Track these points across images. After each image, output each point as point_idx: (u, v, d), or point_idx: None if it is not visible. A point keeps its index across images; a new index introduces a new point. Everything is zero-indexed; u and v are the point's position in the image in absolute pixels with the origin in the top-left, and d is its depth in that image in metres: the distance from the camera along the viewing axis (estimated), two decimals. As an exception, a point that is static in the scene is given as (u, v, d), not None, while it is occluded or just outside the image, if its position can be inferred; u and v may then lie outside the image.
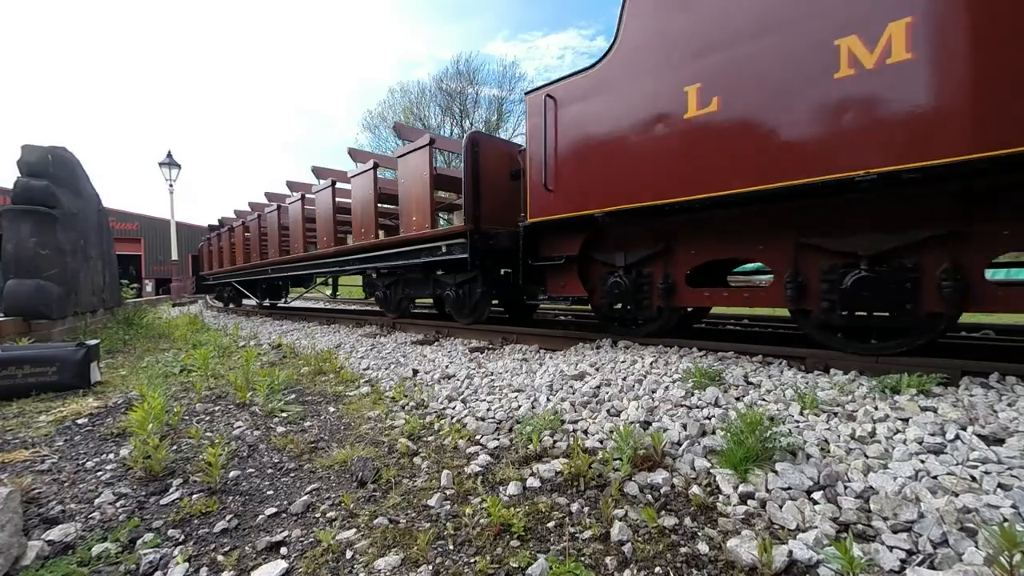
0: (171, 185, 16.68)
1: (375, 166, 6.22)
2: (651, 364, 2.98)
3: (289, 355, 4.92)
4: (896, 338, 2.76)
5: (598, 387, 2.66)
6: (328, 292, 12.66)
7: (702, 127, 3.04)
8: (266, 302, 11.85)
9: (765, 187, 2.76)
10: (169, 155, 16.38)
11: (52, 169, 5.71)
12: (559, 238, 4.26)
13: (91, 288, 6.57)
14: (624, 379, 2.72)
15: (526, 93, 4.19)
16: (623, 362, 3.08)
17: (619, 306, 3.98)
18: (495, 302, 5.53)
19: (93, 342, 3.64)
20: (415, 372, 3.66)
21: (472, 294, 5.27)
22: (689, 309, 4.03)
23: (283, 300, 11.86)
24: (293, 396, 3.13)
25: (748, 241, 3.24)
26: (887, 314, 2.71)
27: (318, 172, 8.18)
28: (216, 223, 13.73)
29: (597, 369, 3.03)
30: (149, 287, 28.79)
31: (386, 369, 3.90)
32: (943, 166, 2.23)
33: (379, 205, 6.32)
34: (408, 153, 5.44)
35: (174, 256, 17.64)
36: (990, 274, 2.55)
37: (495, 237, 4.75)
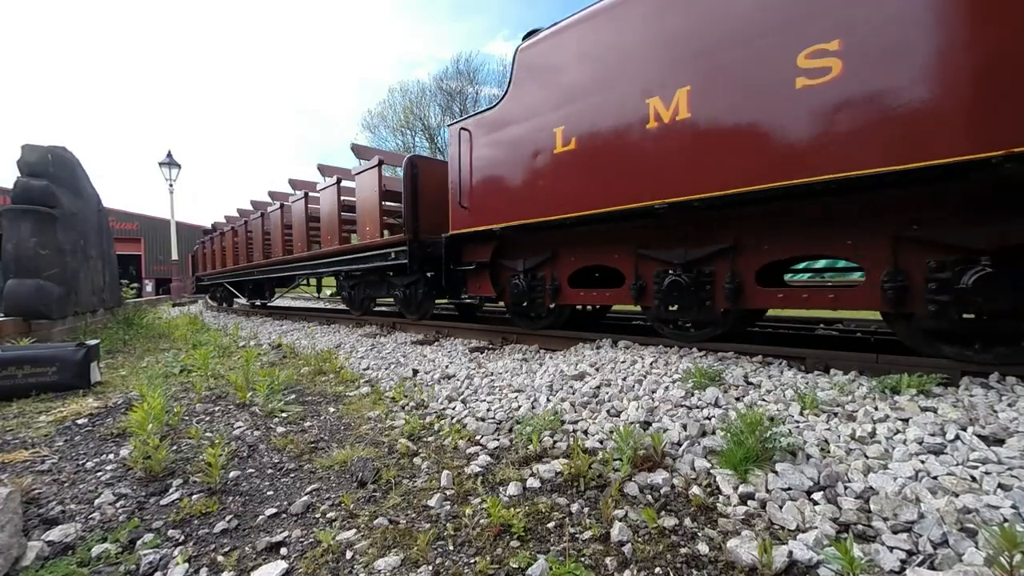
0: (171, 185, 16.68)
1: (338, 181, 6.97)
2: (651, 364, 2.98)
3: (289, 355, 4.92)
4: (705, 328, 3.52)
5: (598, 387, 2.66)
6: (313, 292, 13.22)
7: (567, 161, 3.80)
8: (256, 301, 12.53)
9: (605, 210, 3.51)
10: (169, 155, 16.38)
11: (52, 169, 5.71)
12: (475, 247, 5.02)
13: (91, 288, 6.57)
14: (624, 379, 2.72)
15: (448, 125, 5.00)
16: (623, 362, 3.08)
17: (523, 304, 4.61)
18: (446, 301, 6.21)
19: (93, 342, 3.64)
20: (415, 372, 3.66)
21: (416, 294, 6.04)
22: (578, 307, 4.87)
23: (268, 299, 12.58)
24: (293, 396, 3.13)
25: (605, 251, 3.97)
26: (694, 307, 3.42)
27: (293, 184, 9.39)
28: (210, 227, 14.66)
29: (597, 369, 3.03)
30: (149, 287, 28.79)
31: (386, 369, 3.90)
32: (702, 199, 3.01)
33: (342, 214, 6.98)
34: (363, 171, 6.25)
35: (174, 256, 17.64)
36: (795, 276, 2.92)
37: (432, 245, 5.40)
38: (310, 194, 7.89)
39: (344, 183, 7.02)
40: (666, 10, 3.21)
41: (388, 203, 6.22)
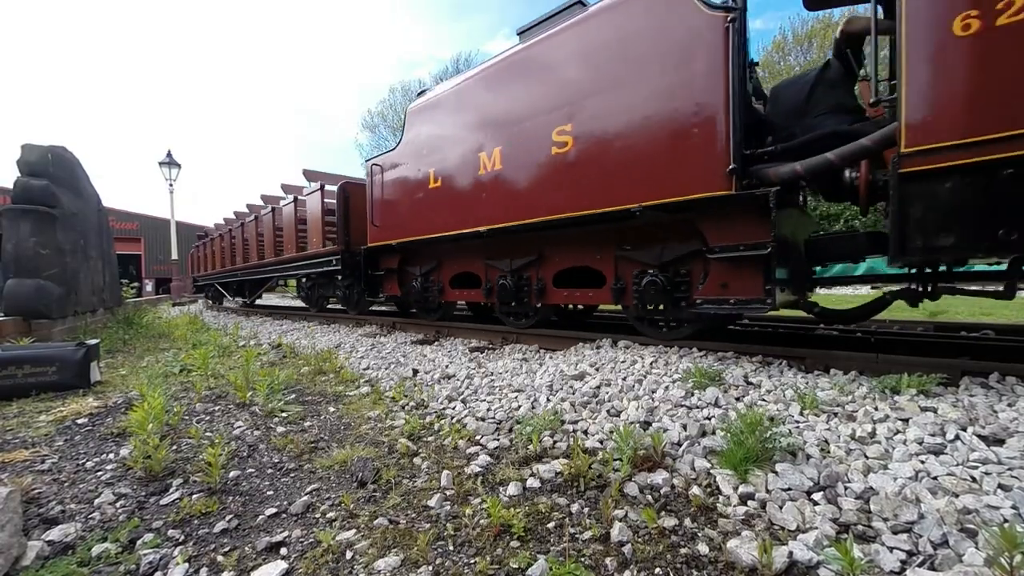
0: (171, 185, 16.68)
1: (295, 199, 8.44)
2: (651, 364, 2.98)
3: (289, 355, 4.92)
4: (523, 318, 4.85)
5: (598, 387, 2.66)
6: (293, 291, 14.75)
7: (437, 194, 5.23)
8: (238, 300, 13.69)
9: (460, 231, 4.88)
10: (169, 155, 16.37)
11: (52, 169, 5.71)
12: (386, 257, 6.42)
13: (91, 288, 6.57)
14: (624, 379, 2.72)
15: (366, 160, 6.71)
16: (623, 362, 3.08)
17: (420, 300, 6.01)
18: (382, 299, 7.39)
19: (93, 342, 3.64)
20: (415, 372, 3.66)
21: (354, 294, 7.52)
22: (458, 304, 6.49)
23: (248, 299, 13.33)
24: (293, 396, 3.13)
25: (469, 261, 5.36)
26: (514, 303, 4.78)
27: (264, 199, 10.86)
28: (203, 233, 16.53)
29: (597, 369, 3.03)
30: (149, 287, 28.79)
31: (386, 369, 3.89)
32: (513, 227, 4.31)
33: (298, 227, 8.46)
34: (310, 193, 7.91)
35: (174, 256, 17.64)
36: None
37: (359, 254, 6.71)
38: (275, 208, 9.42)
39: (300, 198, 8.41)
40: (488, 94, 4.68)
41: (329, 218, 7.51)
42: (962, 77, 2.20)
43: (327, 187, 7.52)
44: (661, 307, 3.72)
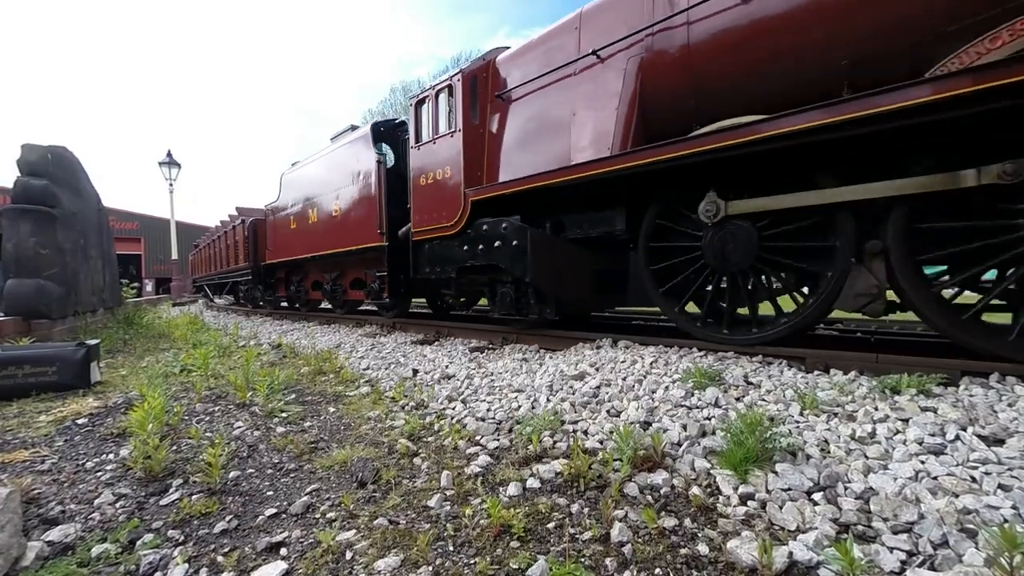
0: (171, 184, 16.68)
1: (242, 221, 11.56)
2: (651, 364, 2.98)
3: (289, 355, 4.92)
4: (337, 310, 8.31)
5: (598, 387, 2.66)
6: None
7: (295, 231, 8.56)
8: (219, 300, 16.41)
9: (304, 256, 8.23)
10: (169, 155, 16.38)
11: (52, 168, 5.71)
12: (278, 269, 10.10)
13: (91, 288, 6.57)
14: (624, 379, 2.72)
15: (265, 205, 10.22)
16: (623, 362, 3.08)
17: (296, 300, 9.56)
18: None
19: (93, 342, 3.64)
20: (415, 372, 3.66)
21: (265, 295, 11.08)
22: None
23: (219, 296, 16.74)
24: (293, 396, 3.13)
25: (318, 273, 8.57)
26: (334, 300, 8.24)
27: (239, 211, 13.68)
28: (197, 242, 20.11)
29: (597, 369, 3.03)
30: (149, 287, 28.78)
31: (386, 369, 3.90)
32: (324, 254, 7.57)
33: (235, 247, 12.29)
34: (235, 225, 12.35)
35: (174, 256, 17.64)
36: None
37: (261, 268, 10.56)
38: (226, 230, 13.45)
39: (235, 226, 12.28)
40: (312, 175, 8.03)
41: (248, 242, 11.01)
42: (421, 205, 5.41)
43: (247, 220, 11.04)
44: (385, 297, 6.55)
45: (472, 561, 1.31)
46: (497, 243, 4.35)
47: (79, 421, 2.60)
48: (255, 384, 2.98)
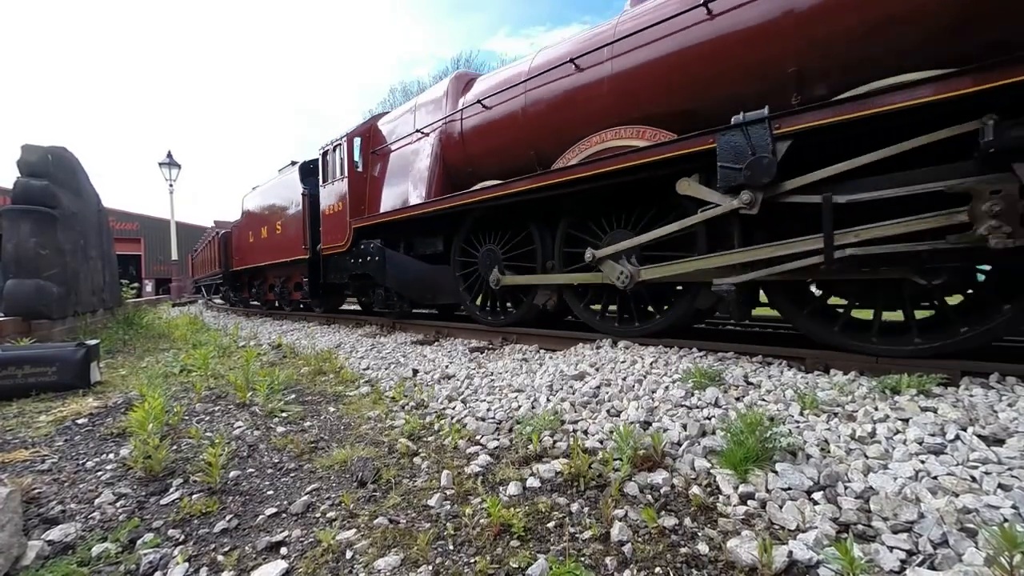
0: (171, 185, 16.68)
1: (217, 234, 13.82)
2: (651, 364, 2.98)
3: (289, 355, 4.92)
4: (288, 306, 10.33)
5: (598, 387, 2.66)
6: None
7: (253, 246, 10.80)
8: (216, 299, 18.42)
9: (261, 264, 10.36)
10: (169, 155, 16.38)
11: (52, 169, 5.71)
12: (241, 275, 12.46)
13: (91, 288, 6.57)
14: (624, 379, 2.72)
15: (233, 222, 13.01)
16: (623, 362, 3.08)
17: (257, 299, 11.86)
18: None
19: (93, 342, 3.64)
20: (415, 372, 3.66)
21: (238, 296, 13.25)
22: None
23: (212, 296, 19.64)
24: (293, 396, 3.13)
25: (271, 277, 10.60)
26: (282, 300, 10.45)
27: (216, 224, 16.51)
28: (194, 249, 22.63)
29: (597, 369, 3.03)
30: (149, 287, 28.77)
31: (386, 369, 3.90)
32: (268, 264, 9.97)
33: (212, 254, 14.76)
34: (212, 237, 15.26)
35: (174, 256, 17.64)
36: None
37: (230, 273, 13.02)
38: (209, 240, 15.88)
39: (213, 237, 14.69)
40: (261, 200, 10.34)
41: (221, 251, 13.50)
42: (326, 229, 7.30)
43: (220, 232, 13.23)
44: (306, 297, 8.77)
45: (472, 560, 1.31)
46: (368, 258, 6.15)
47: (79, 421, 2.60)
48: (255, 384, 2.98)
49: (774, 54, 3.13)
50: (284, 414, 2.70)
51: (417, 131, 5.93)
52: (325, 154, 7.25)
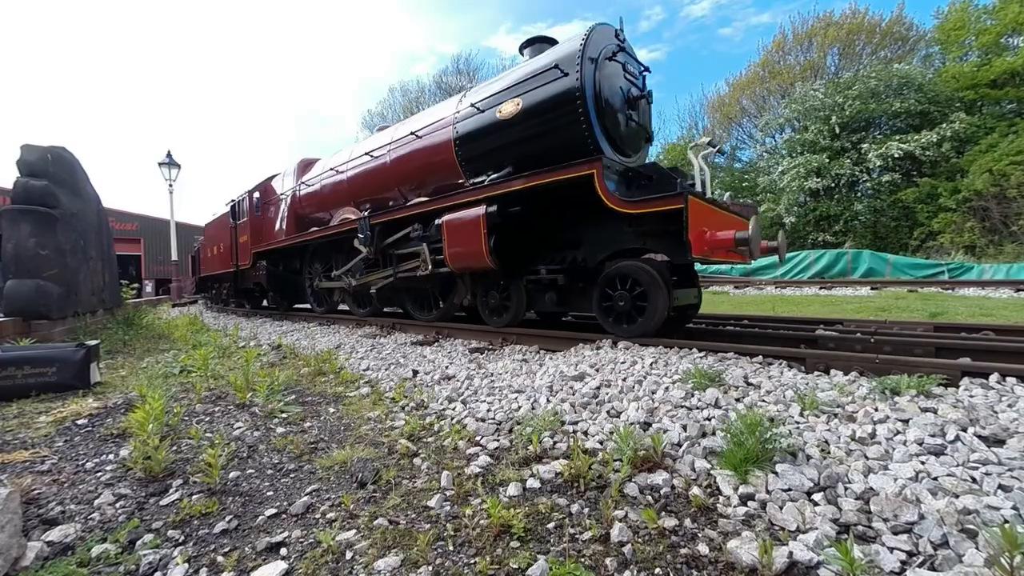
0: (171, 185, 16.67)
1: (198, 250, 15.69)
2: (651, 365, 2.98)
3: (289, 356, 4.92)
4: (246, 305, 12.26)
5: (598, 388, 2.66)
6: None
7: (213, 256, 12.87)
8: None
9: (221, 272, 12.45)
10: (169, 155, 16.37)
11: (52, 169, 5.71)
12: (209, 280, 14.49)
13: (91, 288, 6.57)
14: (624, 380, 2.72)
15: (200, 240, 15.98)
16: (623, 363, 3.08)
17: (227, 299, 13.45)
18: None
19: (93, 343, 3.64)
20: (415, 373, 3.66)
21: (222, 296, 13.94)
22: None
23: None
24: (293, 397, 3.13)
25: (223, 283, 13.30)
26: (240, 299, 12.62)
27: (197, 240, 17.39)
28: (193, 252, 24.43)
29: (597, 370, 3.03)
30: (149, 287, 28.75)
31: (386, 370, 3.89)
32: (229, 271, 11.66)
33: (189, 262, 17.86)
34: (193, 252, 17.32)
35: (174, 256, 17.62)
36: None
37: (199, 279, 15.87)
38: (192, 252, 17.70)
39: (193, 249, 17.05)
40: (215, 228, 12.67)
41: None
42: (239, 252, 10.69)
43: (195, 247, 16.12)
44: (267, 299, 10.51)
45: (472, 561, 1.30)
46: (260, 272, 9.61)
47: (79, 422, 2.60)
48: (255, 385, 2.98)
49: (389, 180, 6.46)
50: (284, 415, 2.70)
51: (280, 194, 9.45)
52: (240, 202, 10.56)
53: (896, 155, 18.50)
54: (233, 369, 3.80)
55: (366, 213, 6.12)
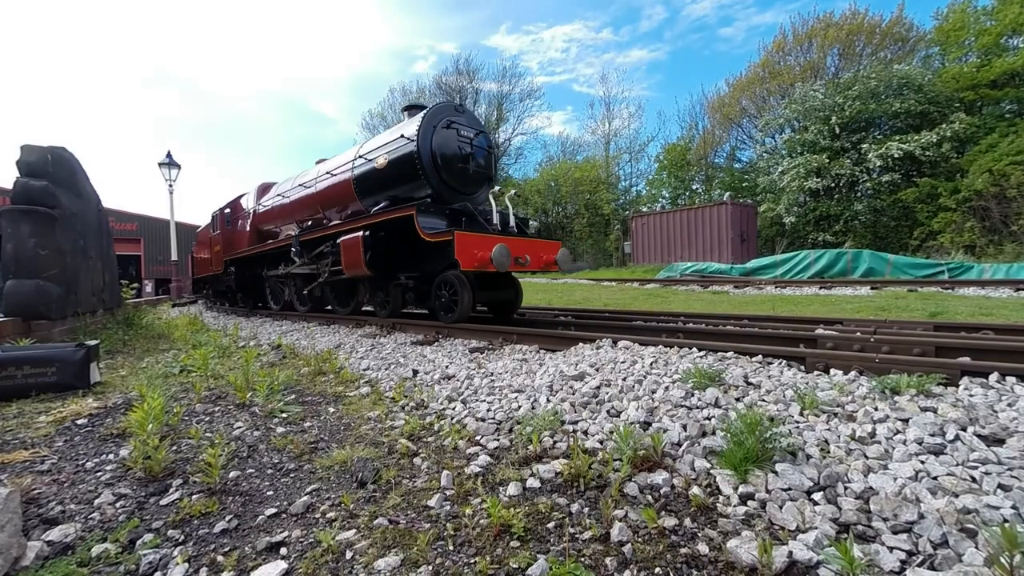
0: (171, 185, 16.67)
1: (189, 255, 17.89)
2: (651, 365, 2.98)
3: (289, 355, 4.92)
4: (224, 304, 13.77)
5: (598, 387, 2.66)
6: None
7: (202, 262, 14.34)
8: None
9: (203, 275, 14.68)
10: (169, 155, 16.37)
11: (52, 169, 5.70)
12: (200, 281, 15.59)
13: (91, 288, 6.56)
14: (624, 380, 2.72)
15: (192, 247, 17.88)
16: (623, 363, 3.08)
17: (207, 299, 15.59)
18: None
19: (92, 342, 3.64)
20: (415, 372, 3.66)
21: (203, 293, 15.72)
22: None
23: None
24: (293, 396, 3.13)
25: (209, 284, 14.83)
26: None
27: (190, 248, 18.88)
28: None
29: (597, 370, 3.03)
30: (149, 287, 28.74)
31: (386, 369, 3.89)
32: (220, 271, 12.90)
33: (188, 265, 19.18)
34: (193, 253, 17.81)
35: (174, 256, 17.62)
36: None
37: (203, 278, 14.95)
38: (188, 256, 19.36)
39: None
40: (202, 234, 14.38)
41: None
42: (214, 260, 12.72)
43: (189, 252, 17.78)
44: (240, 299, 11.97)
45: (472, 561, 1.31)
46: (229, 276, 11.44)
47: (79, 421, 2.60)
48: (255, 384, 2.98)
49: (316, 205, 8.21)
50: (284, 414, 2.70)
51: (245, 210, 11.26)
52: (215, 217, 12.05)
53: (896, 155, 18.52)
54: (233, 369, 3.80)
55: (297, 232, 8.44)
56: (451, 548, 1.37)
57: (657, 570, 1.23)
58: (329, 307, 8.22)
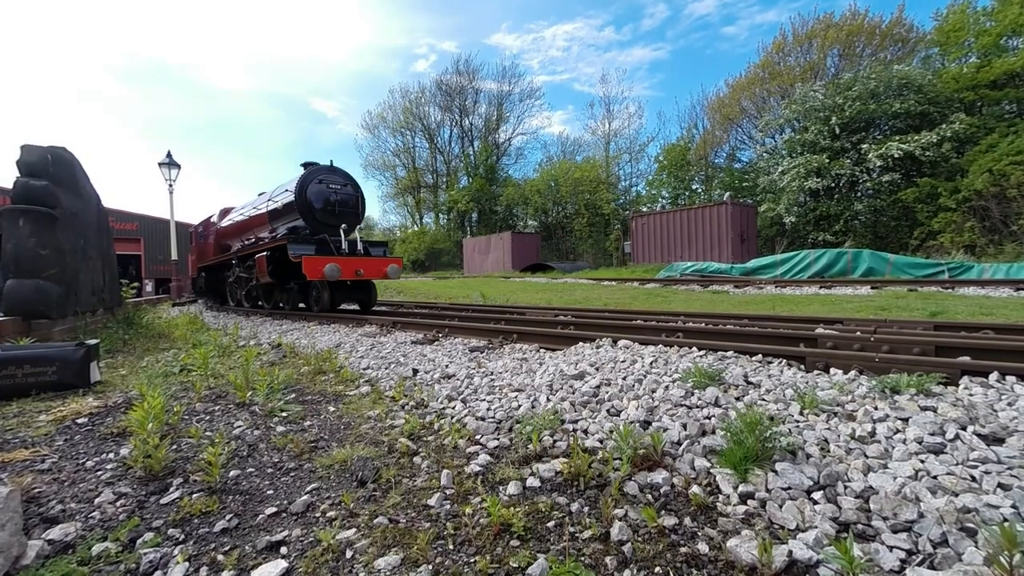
0: (171, 185, 16.67)
1: (188, 255, 17.88)
2: (651, 364, 2.98)
3: (289, 355, 4.92)
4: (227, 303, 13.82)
5: (598, 387, 2.66)
6: None
7: (192, 265, 16.64)
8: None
9: (193, 276, 16.89)
10: (169, 155, 16.37)
11: (52, 169, 5.70)
12: (198, 277, 15.91)
13: (91, 288, 6.57)
14: (624, 379, 2.72)
15: (189, 252, 19.15)
16: (623, 362, 3.08)
17: (199, 295, 16.83)
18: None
19: (93, 342, 3.64)
20: (415, 372, 3.66)
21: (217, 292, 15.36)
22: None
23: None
24: (293, 395, 3.13)
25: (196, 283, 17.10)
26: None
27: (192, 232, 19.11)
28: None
29: (597, 369, 3.03)
30: (149, 287, 28.74)
31: (386, 369, 3.89)
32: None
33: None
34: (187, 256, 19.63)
35: (174, 256, 17.62)
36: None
37: (198, 278, 15.95)
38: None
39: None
40: (198, 232, 15.32)
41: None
42: (191, 265, 17.44)
43: (186, 255, 18.45)
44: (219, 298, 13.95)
45: (472, 560, 1.31)
46: (199, 280, 14.97)
47: (79, 421, 2.60)
48: (255, 383, 2.98)
49: (252, 228, 10.78)
50: (284, 413, 2.70)
51: (213, 227, 13.11)
52: (190, 232, 14.75)
53: (896, 155, 18.51)
54: (233, 368, 3.80)
55: (238, 247, 11.15)
56: (451, 547, 1.37)
57: (657, 569, 1.24)
58: (260, 303, 10.96)
